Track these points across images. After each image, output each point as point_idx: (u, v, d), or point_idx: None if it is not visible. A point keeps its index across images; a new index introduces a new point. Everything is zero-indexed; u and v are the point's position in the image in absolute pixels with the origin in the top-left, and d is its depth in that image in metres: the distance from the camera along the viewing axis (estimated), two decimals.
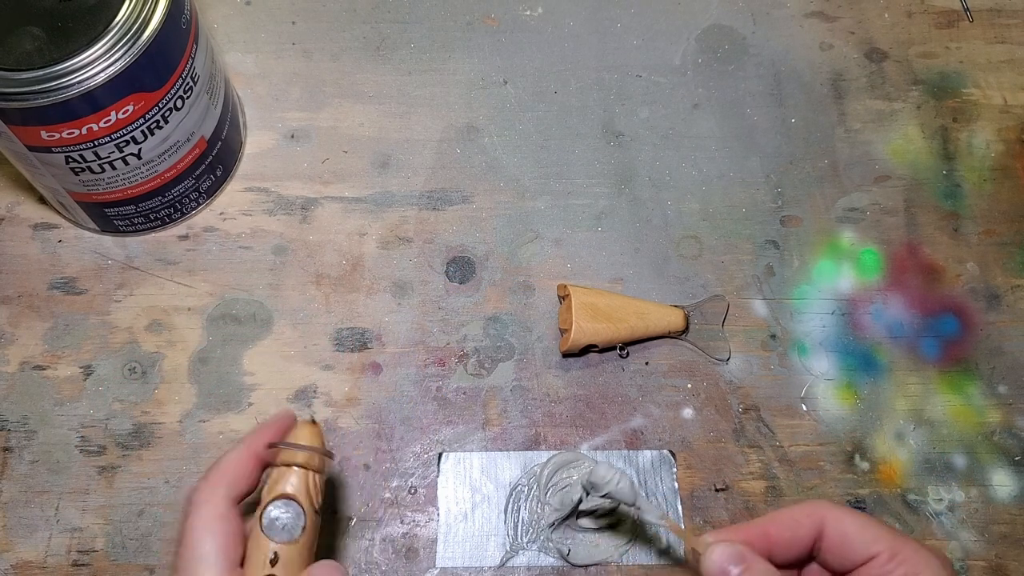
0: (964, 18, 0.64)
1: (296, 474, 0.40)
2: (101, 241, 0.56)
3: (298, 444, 0.40)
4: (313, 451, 0.40)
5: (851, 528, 0.39)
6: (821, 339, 0.55)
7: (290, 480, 0.40)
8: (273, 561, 0.38)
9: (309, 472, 0.40)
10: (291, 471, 0.40)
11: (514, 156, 0.60)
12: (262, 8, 0.63)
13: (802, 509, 0.40)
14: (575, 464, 0.51)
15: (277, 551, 0.38)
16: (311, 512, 0.40)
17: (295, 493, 0.39)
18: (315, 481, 0.40)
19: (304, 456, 0.40)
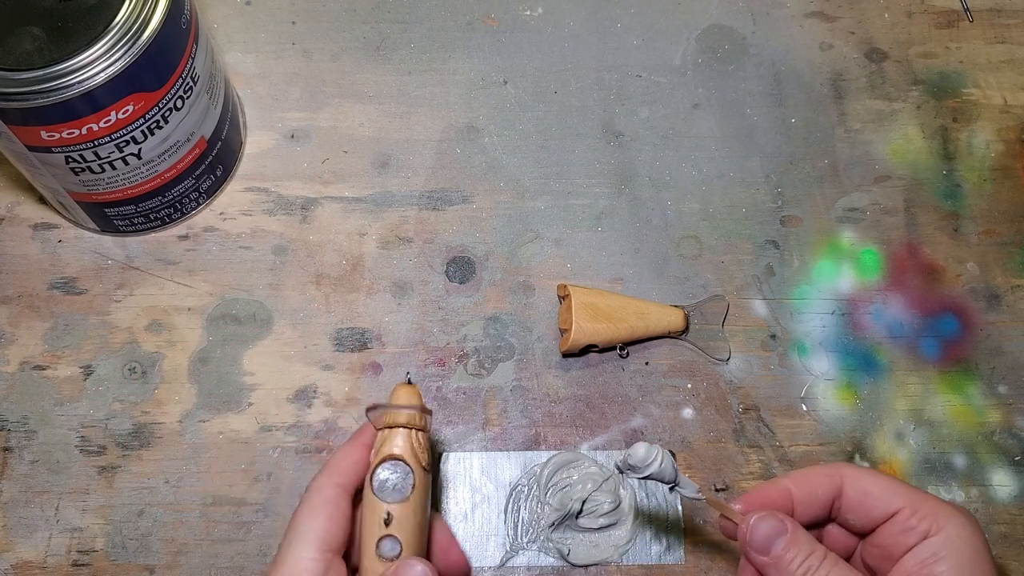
0: (964, 18, 0.64)
1: (401, 434, 0.40)
2: (101, 241, 0.56)
3: (396, 405, 0.41)
4: (411, 409, 0.41)
5: (871, 485, 0.39)
6: (821, 339, 0.55)
7: (395, 441, 0.40)
8: (387, 521, 0.39)
9: (413, 431, 0.41)
10: (396, 432, 0.41)
11: (514, 156, 0.60)
12: (262, 8, 0.63)
13: (822, 469, 0.40)
14: (575, 464, 0.51)
15: (390, 511, 0.39)
16: (419, 470, 0.40)
17: (401, 453, 0.40)
18: (419, 439, 0.41)
19: (406, 416, 0.41)
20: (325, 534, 0.38)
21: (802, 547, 0.38)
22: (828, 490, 0.40)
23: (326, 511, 0.39)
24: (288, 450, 0.52)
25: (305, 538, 0.38)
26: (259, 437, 0.52)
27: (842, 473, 0.40)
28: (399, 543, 0.39)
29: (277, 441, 0.52)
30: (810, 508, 0.40)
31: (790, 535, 0.38)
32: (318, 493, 0.40)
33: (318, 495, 0.40)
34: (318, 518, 0.39)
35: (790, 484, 0.40)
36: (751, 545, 0.38)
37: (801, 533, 0.38)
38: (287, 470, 0.51)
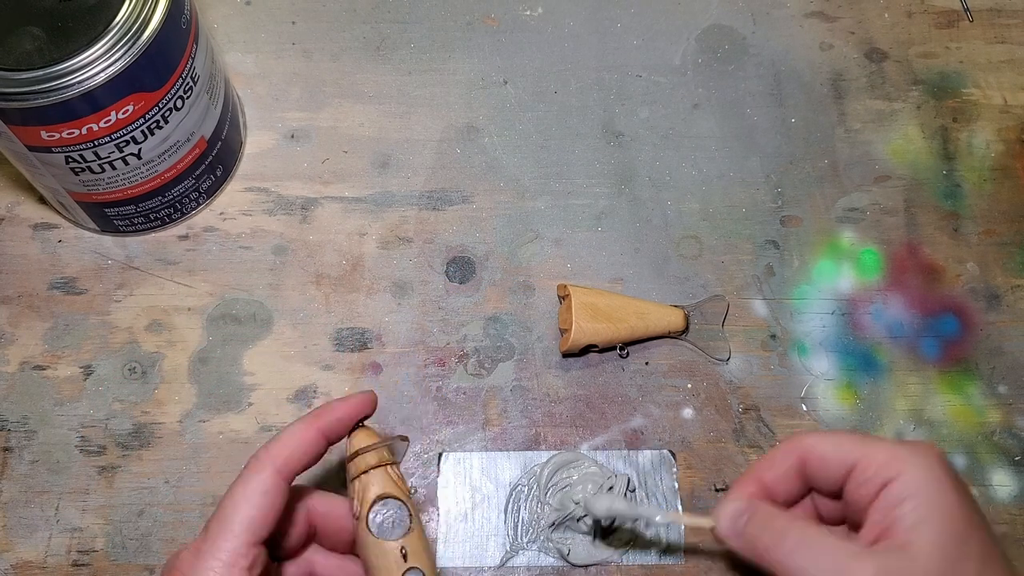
0: (964, 18, 0.64)
1: (378, 474, 0.41)
2: (101, 241, 0.56)
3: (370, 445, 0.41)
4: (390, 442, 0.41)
5: (824, 448, 0.40)
6: (821, 339, 0.55)
7: (376, 482, 0.40)
8: (405, 555, 0.39)
9: (387, 467, 0.41)
10: (372, 474, 0.41)
11: (514, 156, 0.60)
12: (262, 8, 0.63)
13: (783, 446, 0.42)
14: (575, 464, 0.51)
15: (404, 545, 0.39)
16: (408, 500, 0.41)
17: (387, 491, 0.40)
18: (395, 472, 0.41)
19: (376, 456, 0.41)
20: (255, 527, 0.37)
21: (765, 518, 0.39)
22: (792, 464, 0.41)
23: (259, 502, 0.38)
24: None
25: (233, 530, 0.37)
26: (259, 437, 0.52)
27: (802, 444, 0.41)
28: (421, 572, 0.39)
29: None
30: (784, 486, 0.41)
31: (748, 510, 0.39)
32: (255, 479, 0.38)
33: (254, 482, 0.38)
34: (251, 509, 0.38)
35: (757, 470, 0.41)
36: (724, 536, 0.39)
37: (762, 507, 0.39)
38: None
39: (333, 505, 0.42)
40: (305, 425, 0.40)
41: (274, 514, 0.38)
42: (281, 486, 0.39)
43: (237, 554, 0.37)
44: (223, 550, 0.37)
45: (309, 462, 0.40)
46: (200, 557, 0.37)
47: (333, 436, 0.41)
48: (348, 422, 0.41)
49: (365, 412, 0.42)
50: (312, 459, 0.40)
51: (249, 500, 0.38)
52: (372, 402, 0.42)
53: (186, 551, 0.37)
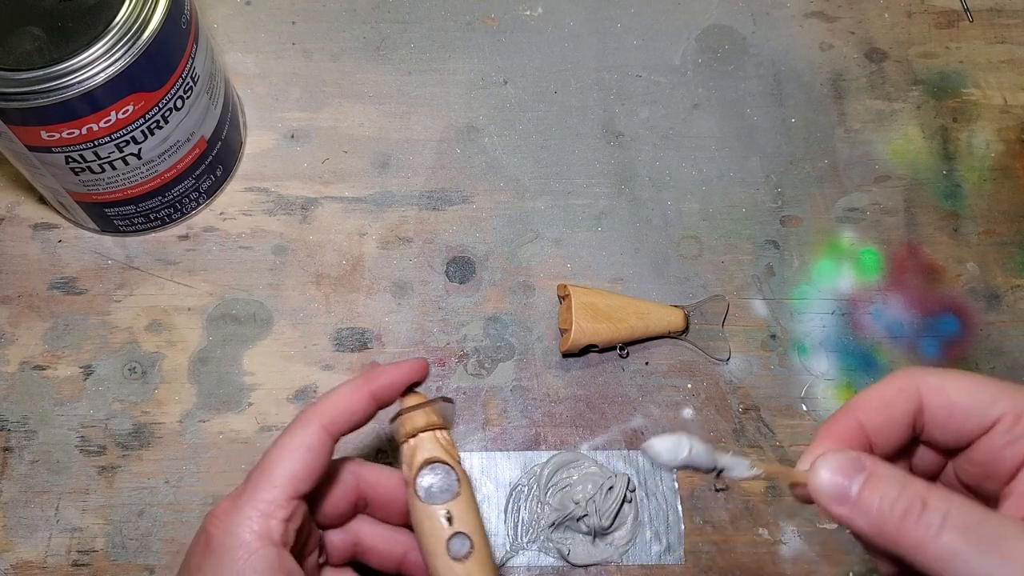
0: (964, 18, 0.64)
1: (427, 438, 0.40)
2: (101, 241, 0.56)
3: (418, 404, 0.40)
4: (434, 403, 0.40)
5: (958, 396, 0.31)
6: (821, 339, 0.55)
7: (424, 446, 0.40)
8: (450, 519, 0.38)
9: (436, 431, 0.40)
10: (421, 438, 0.40)
11: (514, 156, 0.60)
12: (262, 8, 0.63)
13: (892, 384, 0.32)
14: (575, 464, 0.51)
15: (449, 509, 0.39)
16: (457, 464, 0.40)
17: (436, 455, 0.40)
18: (445, 436, 0.40)
19: (425, 418, 0.40)
20: (296, 480, 0.37)
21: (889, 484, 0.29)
22: (906, 410, 0.32)
23: (303, 457, 0.37)
24: None
25: (273, 481, 0.36)
26: (259, 437, 0.52)
27: (918, 385, 0.32)
28: (468, 537, 0.38)
29: None
30: (889, 437, 0.32)
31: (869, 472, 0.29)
32: (300, 434, 0.37)
33: (299, 437, 0.37)
34: (293, 463, 0.37)
35: (858, 414, 0.32)
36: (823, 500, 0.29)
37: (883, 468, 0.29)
38: None
39: (383, 475, 0.42)
40: (355, 386, 0.39)
41: (317, 470, 0.37)
42: (326, 442, 0.38)
43: (276, 505, 0.36)
44: (262, 500, 0.36)
45: (357, 422, 0.39)
46: (238, 506, 0.36)
47: (383, 399, 0.40)
48: (399, 386, 0.40)
49: (416, 377, 0.41)
50: (360, 420, 0.39)
51: (292, 454, 0.37)
52: (424, 368, 0.41)
53: (225, 500, 0.37)
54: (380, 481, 0.41)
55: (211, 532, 0.36)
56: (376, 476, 0.42)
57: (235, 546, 0.35)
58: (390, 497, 0.41)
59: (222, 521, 0.36)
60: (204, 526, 0.37)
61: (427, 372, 0.41)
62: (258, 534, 0.35)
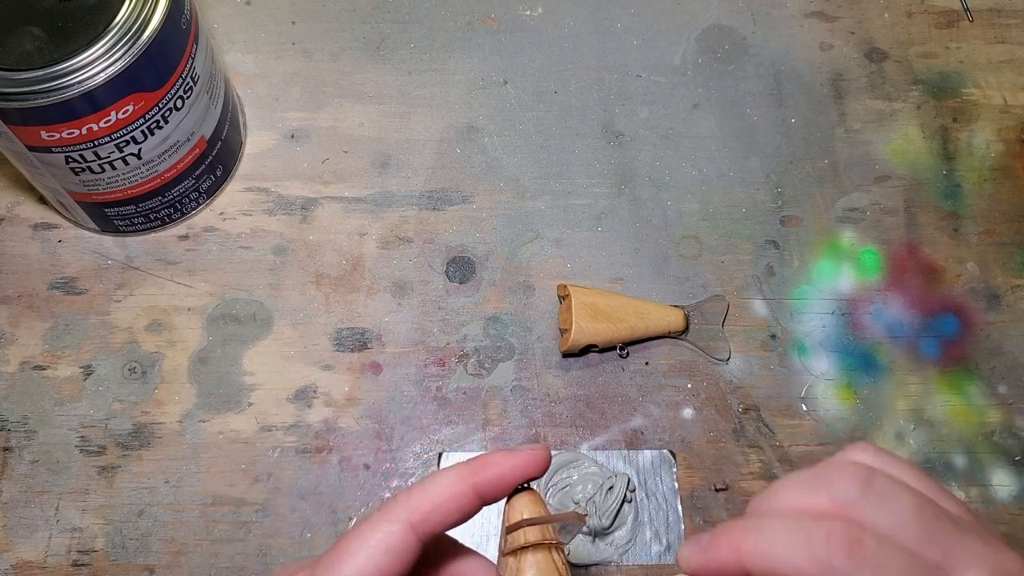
0: (964, 18, 0.64)
1: (540, 556, 0.33)
2: (101, 241, 0.56)
3: (539, 519, 0.33)
4: (562, 520, 0.33)
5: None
6: (821, 339, 0.55)
7: (534, 565, 0.33)
8: None
9: (551, 548, 0.33)
10: (531, 554, 0.33)
11: (514, 156, 0.60)
12: (262, 8, 0.63)
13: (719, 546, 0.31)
14: (575, 464, 0.51)
15: None
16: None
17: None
18: (561, 557, 0.34)
19: (539, 532, 0.33)
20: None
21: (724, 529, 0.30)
22: None
23: (379, 559, 0.31)
24: (288, 450, 0.52)
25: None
26: (259, 437, 0.52)
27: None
28: None
29: (277, 441, 0.52)
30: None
31: (707, 540, 0.31)
32: (383, 529, 0.32)
33: (381, 532, 0.32)
34: (366, 562, 0.31)
35: None
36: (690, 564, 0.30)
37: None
38: (287, 470, 0.51)
39: (479, 571, 0.35)
40: (457, 477, 0.33)
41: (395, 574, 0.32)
42: (412, 545, 0.32)
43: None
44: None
45: (454, 522, 0.33)
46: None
47: (489, 496, 0.33)
48: (510, 482, 0.34)
49: (534, 473, 0.34)
50: (458, 519, 0.33)
51: (369, 552, 0.31)
52: (544, 461, 0.34)
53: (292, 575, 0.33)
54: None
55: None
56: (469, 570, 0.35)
57: None
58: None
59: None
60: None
61: (547, 465, 0.34)
62: None
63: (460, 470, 0.33)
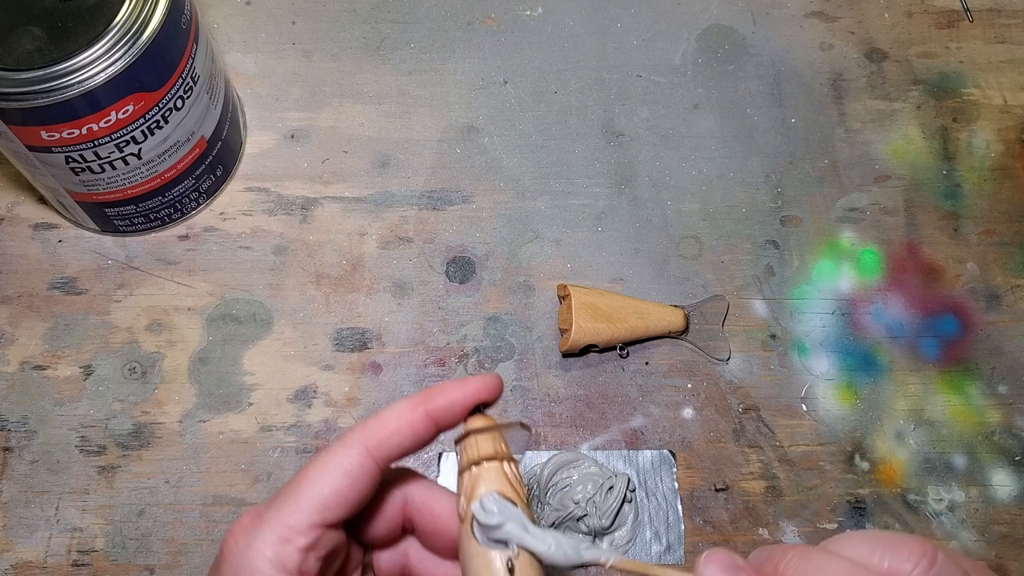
0: (964, 18, 0.64)
1: (492, 468, 0.34)
2: (101, 241, 0.56)
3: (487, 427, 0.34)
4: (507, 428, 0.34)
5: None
6: (821, 339, 0.55)
7: (488, 477, 0.34)
8: (511, 570, 0.32)
9: (504, 462, 0.34)
10: (485, 467, 0.34)
11: (514, 156, 0.60)
12: (262, 8, 0.63)
13: None
14: (575, 464, 0.51)
15: (511, 558, 0.32)
16: (526, 507, 0.34)
17: (500, 491, 0.33)
18: (513, 470, 0.34)
19: (492, 445, 0.34)
20: (325, 507, 0.32)
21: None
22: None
23: (338, 482, 0.32)
24: (288, 450, 0.52)
25: (300, 503, 0.32)
26: (259, 437, 0.52)
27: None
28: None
29: (277, 441, 0.52)
30: None
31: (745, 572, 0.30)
32: (340, 455, 0.33)
33: (338, 457, 0.33)
34: (325, 486, 0.32)
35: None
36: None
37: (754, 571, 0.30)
38: (287, 470, 0.51)
39: (436, 500, 0.36)
40: (411, 405, 0.34)
41: (353, 498, 0.33)
42: (369, 469, 0.33)
43: (296, 531, 0.32)
44: (283, 524, 0.32)
45: (410, 448, 0.34)
46: (257, 526, 0.32)
47: (443, 422, 0.35)
48: (463, 408, 0.35)
49: (486, 397, 0.35)
50: (414, 445, 0.34)
51: (326, 476, 0.33)
52: (497, 387, 0.35)
53: (247, 515, 0.33)
54: (431, 506, 0.36)
55: (224, 553, 0.33)
56: (427, 499, 0.36)
57: (245, 571, 0.32)
58: (439, 527, 0.36)
59: (236, 541, 0.33)
60: (222, 543, 0.33)
61: (500, 391, 0.35)
62: (271, 561, 0.32)
63: (413, 399, 0.34)
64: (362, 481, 0.33)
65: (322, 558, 0.33)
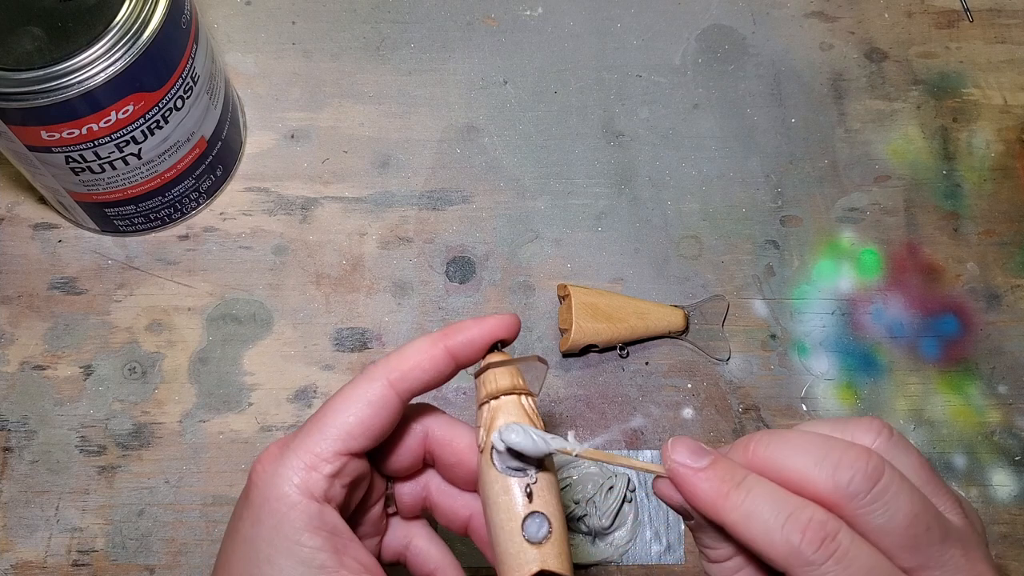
0: (964, 18, 0.64)
1: (511, 401, 0.35)
2: (101, 241, 0.56)
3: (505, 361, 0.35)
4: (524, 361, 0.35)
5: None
6: (821, 339, 0.55)
7: (507, 410, 0.35)
8: (530, 496, 0.34)
9: (521, 396, 0.35)
10: (504, 401, 0.35)
11: (514, 156, 0.60)
12: (262, 8, 0.63)
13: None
14: (575, 464, 0.51)
15: (529, 484, 0.34)
16: None
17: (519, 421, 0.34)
18: (531, 404, 0.35)
19: (509, 380, 0.35)
20: (349, 436, 0.33)
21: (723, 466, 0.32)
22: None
23: (362, 412, 0.34)
24: None
25: (325, 432, 0.33)
26: (259, 437, 0.52)
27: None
28: (547, 519, 0.33)
29: None
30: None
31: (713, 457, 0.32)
32: (364, 387, 0.34)
33: (361, 389, 0.34)
34: (349, 416, 0.34)
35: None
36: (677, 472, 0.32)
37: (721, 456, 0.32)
38: None
39: (456, 433, 0.37)
40: (432, 341, 0.35)
41: (376, 428, 0.34)
42: (391, 400, 0.34)
43: (322, 459, 0.33)
44: (309, 452, 0.33)
45: (430, 382, 0.35)
46: (284, 455, 0.33)
47: (462, 358, 0.36)
48: (482, 345, 0.36)
49: (504, 335, 0.36)
50: (434, 379, 0.35)
51: (350, 406, 0.34)
52: (515, 325, 0.36)
53: (274, 445, 0.34)
54: (451, 439, 0.37)
55: (253, 480, 0.34)
56: (447, 432, 0.37)
57: (274, 498, 0.33)
58: (459, 459, 0.37)
59: (264, 469, 0.34)
60: (250, 471, 0.34)
61: (518, 329, 0.36)
62: (298, 487, 0.33)
63: (434, 336, 0.35)
64: (385, 412, 0.34)
65: (347, 485, 0.34)
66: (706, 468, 0.32)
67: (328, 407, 0.34)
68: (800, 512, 0.30)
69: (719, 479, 0.31)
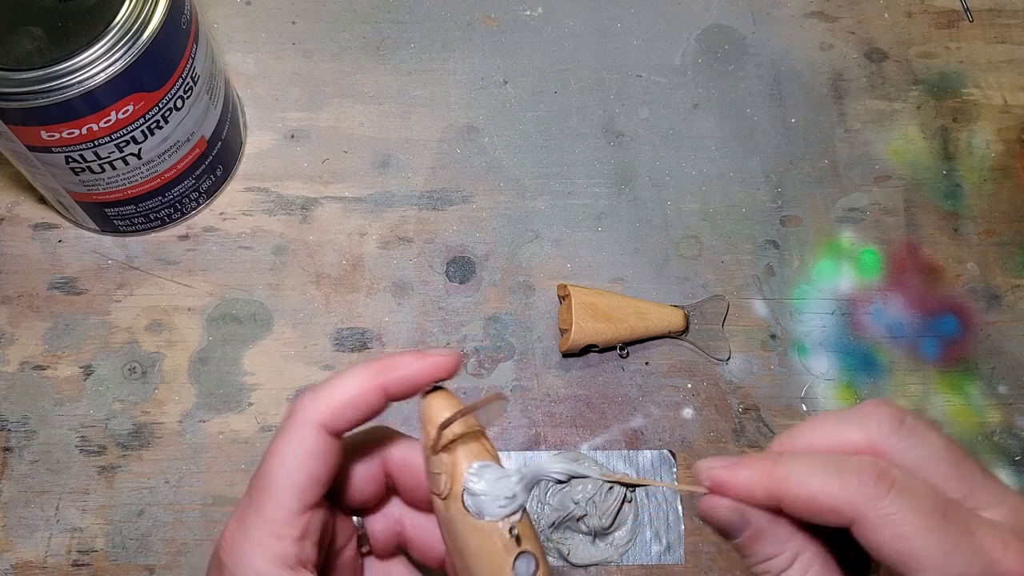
0: (964, 18, 0.64)
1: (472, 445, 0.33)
2: (101, 241, 0.56)
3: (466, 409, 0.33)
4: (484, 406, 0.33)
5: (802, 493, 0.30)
6: (821, 339, 0.55)
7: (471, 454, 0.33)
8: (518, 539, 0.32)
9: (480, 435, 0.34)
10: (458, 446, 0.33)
11: (514, 156, 0.60)
12: (262, 8, 0.63)
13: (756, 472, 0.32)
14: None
15: (514, 525, 0.32)
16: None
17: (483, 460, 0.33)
18: (488, 442, 0.34)
19: (464, 423, 0.33)
20: (301, 492, 0.32)
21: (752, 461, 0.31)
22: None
23: (305, 465, 0.32)
24: None
25: (278, 498, 0.32)
26: (259, 437, 0.52)
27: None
28: (533, 557, 0.32)
29: None
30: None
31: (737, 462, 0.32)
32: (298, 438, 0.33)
33: (297, 441, 0.33)
34: (294, 472, 0.32)
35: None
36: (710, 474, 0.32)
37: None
38: None
39: (415, 455, 0.36)
40: (366, 377, 0.34)
41: (325, 474, 0.33)
42: (330, 445, 0.33)
43: (284, 525, 0.32)
44: (269, 522, 0.32)
45: (362, 419, 0.34)
46: (246, 531, 0.32)
47: (397, 396, 0.34)
48: (418, 385, 0.34)
49: (441, 376, 0.34)
50: (367, 415, 0.34)
51: (292, 462, 0.32)
52: (452, 366, 0.35)
53: (232, 523, 0.33)
54: (410, 462, 0.36)
55: (224, 562, 0.33)
56: (406, 454, 0.36)
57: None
58: (419, 482, 0.36)
59: (233, 550, 0.32)
60: (216, 553, 0.33)
61: (457, 368, 0.35)
62: (272, 561, 0.32)
63: (368, 370, 0.34)
64: (326, 457, 0.33)
65: (316, 543, 0.33)
66: (740, 460, 0.32)
67: (269, 468, 0.33)
68: (847, 460, 0.30)
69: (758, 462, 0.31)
